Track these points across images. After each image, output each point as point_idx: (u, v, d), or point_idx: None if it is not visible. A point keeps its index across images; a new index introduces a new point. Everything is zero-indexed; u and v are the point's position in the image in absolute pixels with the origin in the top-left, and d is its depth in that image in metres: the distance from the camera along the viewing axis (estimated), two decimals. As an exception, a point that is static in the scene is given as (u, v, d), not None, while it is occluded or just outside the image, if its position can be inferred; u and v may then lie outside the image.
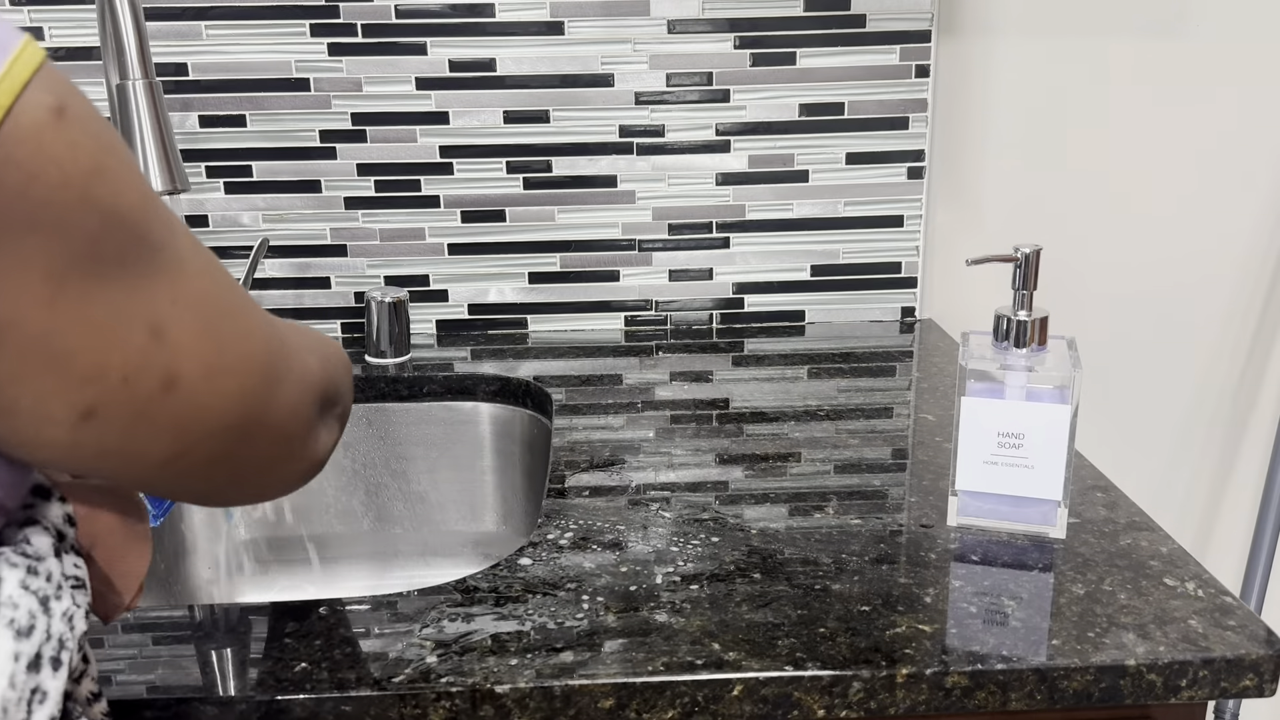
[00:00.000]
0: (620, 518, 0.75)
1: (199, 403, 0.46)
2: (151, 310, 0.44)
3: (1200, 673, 0.59)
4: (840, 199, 1.15)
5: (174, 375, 0.45)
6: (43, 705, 0.41)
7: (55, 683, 0.42)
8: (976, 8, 1.12)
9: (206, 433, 0.47)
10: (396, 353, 1.08)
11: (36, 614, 0.42)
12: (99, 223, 0.40)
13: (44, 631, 0.42)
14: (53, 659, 0.42)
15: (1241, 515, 1.31)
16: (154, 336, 0.44)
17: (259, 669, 0.59)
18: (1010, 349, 0.72)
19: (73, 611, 0.44)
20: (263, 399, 0.50)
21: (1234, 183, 1.19)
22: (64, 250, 0.39)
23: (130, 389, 0.43)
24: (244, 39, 1.07)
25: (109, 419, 0.43)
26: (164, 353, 0.44)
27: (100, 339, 0.42)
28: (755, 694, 0.58)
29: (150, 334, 0.43)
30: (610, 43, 1.09)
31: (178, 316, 0.45)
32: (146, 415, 0.44)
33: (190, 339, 0.45)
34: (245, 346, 0.49)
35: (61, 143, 0.39)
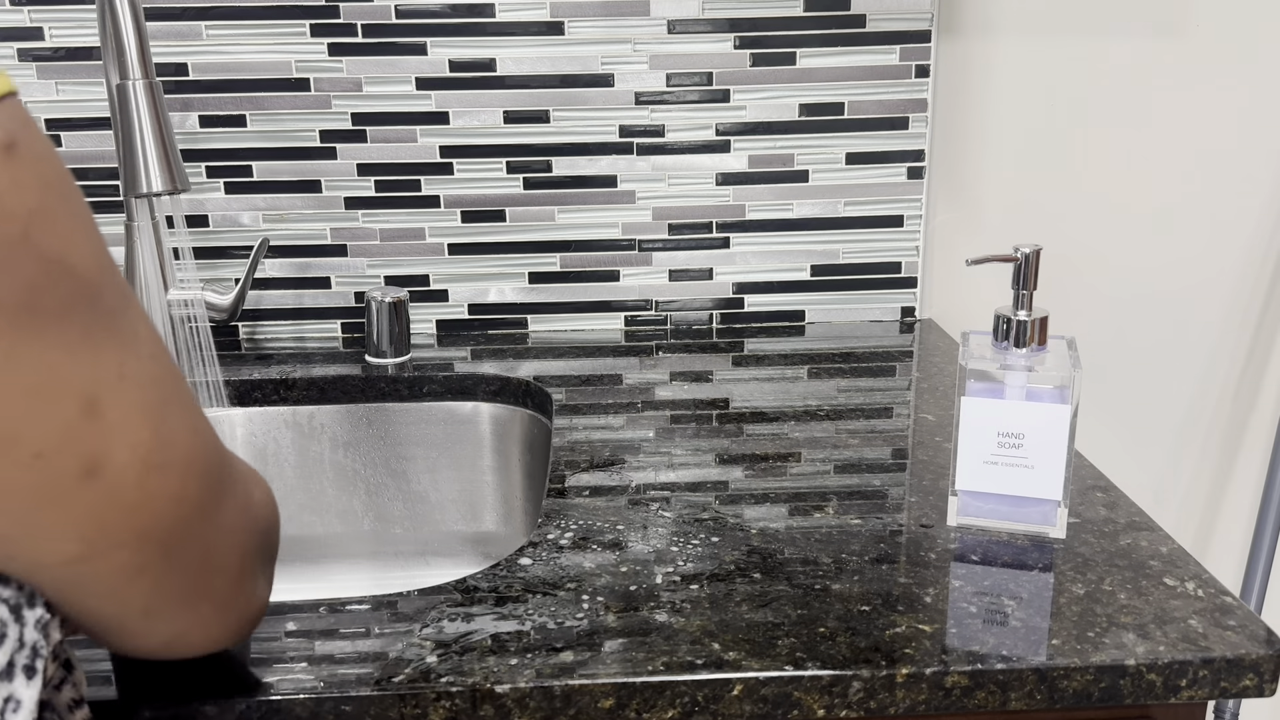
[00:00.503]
0: (620, 518, 0.75)
1: (123, 499, 0.41)
2: (91, 381, 0.39)
3: (1200, 673, 0.59)
4: (840, 199, 1.15)
5: (99, 462, 0.39)
6: (17, 713, 0.40)
7: (29, 691, 0.40)
8: (976, 8, 1.12)
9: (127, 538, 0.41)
10: (396, 353, 1.08)
11: (8, 622, 0.40)
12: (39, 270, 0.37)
13: (16, 640, 0.40)
14: (26, 667, 0.40)
15: (1241, 515, 1.31)
16: (86, 411, 0.39)
17: (259, 669, 0.59)
18: (1010, 349, 0.72)
19: (46, 619, 0.42)
20: (200, 511, 0.44)
21: (1234, 183, 1.19)
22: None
23: (42, 468, 0.38)
24: (244, 39, 1.07)
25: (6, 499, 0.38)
26: (94, 433, 0.39)
27: (20, 404, 0.37)
28: (755, 694, 0.58)
29: (83, 408, 0.39)
30: (610, 43, 1.09)
31: (121, 395, 0.40)
32: (56, 503, 0.39)
33: (130, 423, 0.40)
34: (191, 445, 0.43)
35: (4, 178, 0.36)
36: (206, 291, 1.01)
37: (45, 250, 0.37)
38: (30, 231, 0.36)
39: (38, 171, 0.37)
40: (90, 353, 0.39)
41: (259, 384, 1.03)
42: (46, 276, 0.37)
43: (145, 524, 0.42)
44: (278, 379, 1.03)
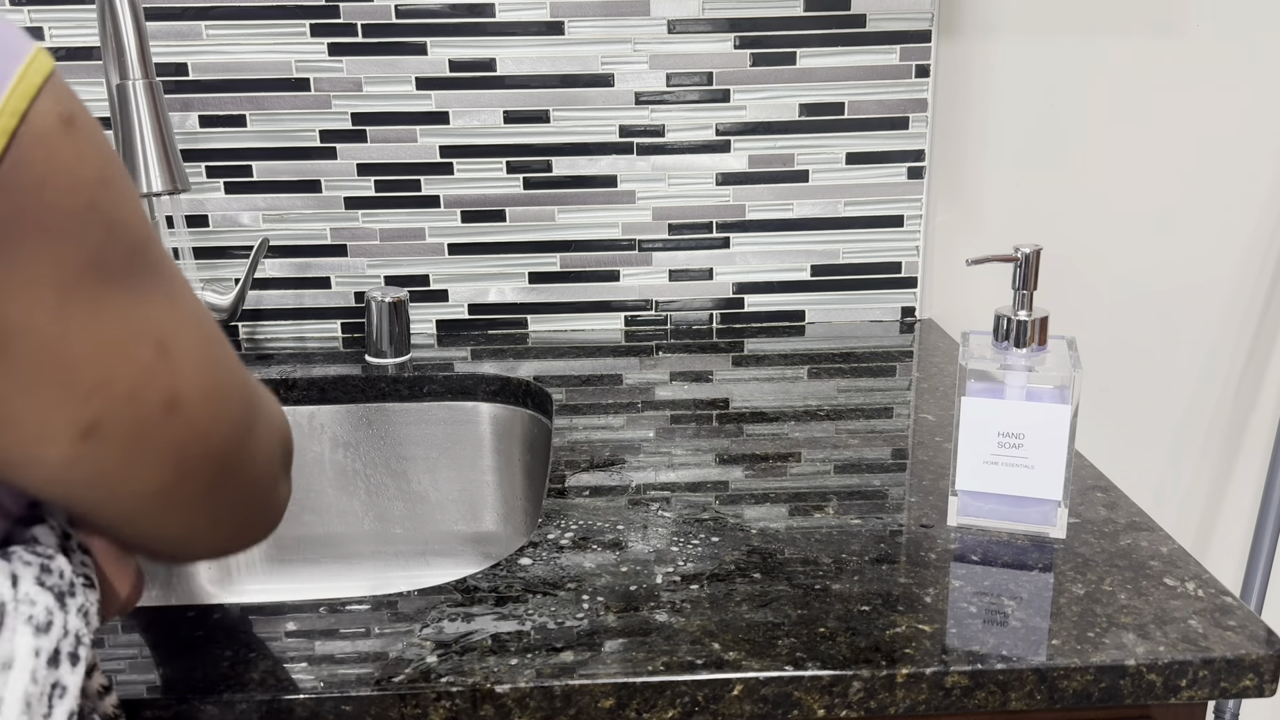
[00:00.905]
0: (620, 518, 0.75)
1: (197, 427, 0.45)
2: (158, 325, 0.43)
3: (1200, 673, 0.59)
4: (840, 199, 1.15)
5: (176, 395, 0.44)
6: (63, 700, 0.42)
7: (74, 678, 0.42)
8: (976, 8, 1.12)
9: (200, 461, 0.46)
10: (396, 353, 1.08)
11: (54, 610, 0.42)
12: (105, 231, 0.40)
13: (61, 627, 0.42)
14: (70, 654, 0.42)
15: (1241, 515, 1.31)
16: (160, 352, 0.43)
17: (259, 669, 0.59)
18: (1010, 349, 0.72)
19: (87, 607, 0.44)
20: (249, 431, 0.49)
21: (1234, 183, 1.19)
22: (74, 256, 0.39)
23: (135, 406, 0.42)
24: (244, 39, 1.07)
25: (110, 438, 0.42)
26: (169, 370, 0.43)
27: (109, 350, 0.41)
28: (755, 694, 0.58)
29: (157, 349, 0.43)
30: (610, 43, 1.09)
31: (182, 335, 0.44)
32: (147, 436, 0.43)
33: (192, 359, 0.45)
34: (236, 375, 0.48)
35: (70, 150, 0.39)
36: (206, 291, 1.01)
37: (107, 213, 0.40)
38: (95, 197, 0.40)
39: (94, 141, 0.41)
40: (151, 300, 0.43)
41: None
42: (111, 236, 0.41)
43: (216, 447, 0.46)
44: (278, 379, 1.03)
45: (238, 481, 0.49)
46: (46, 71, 0.39)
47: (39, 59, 0.39)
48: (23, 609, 0.41)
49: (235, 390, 0.48)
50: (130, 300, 0.42)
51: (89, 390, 0.41)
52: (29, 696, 0.40)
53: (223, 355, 0.47)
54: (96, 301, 0.40)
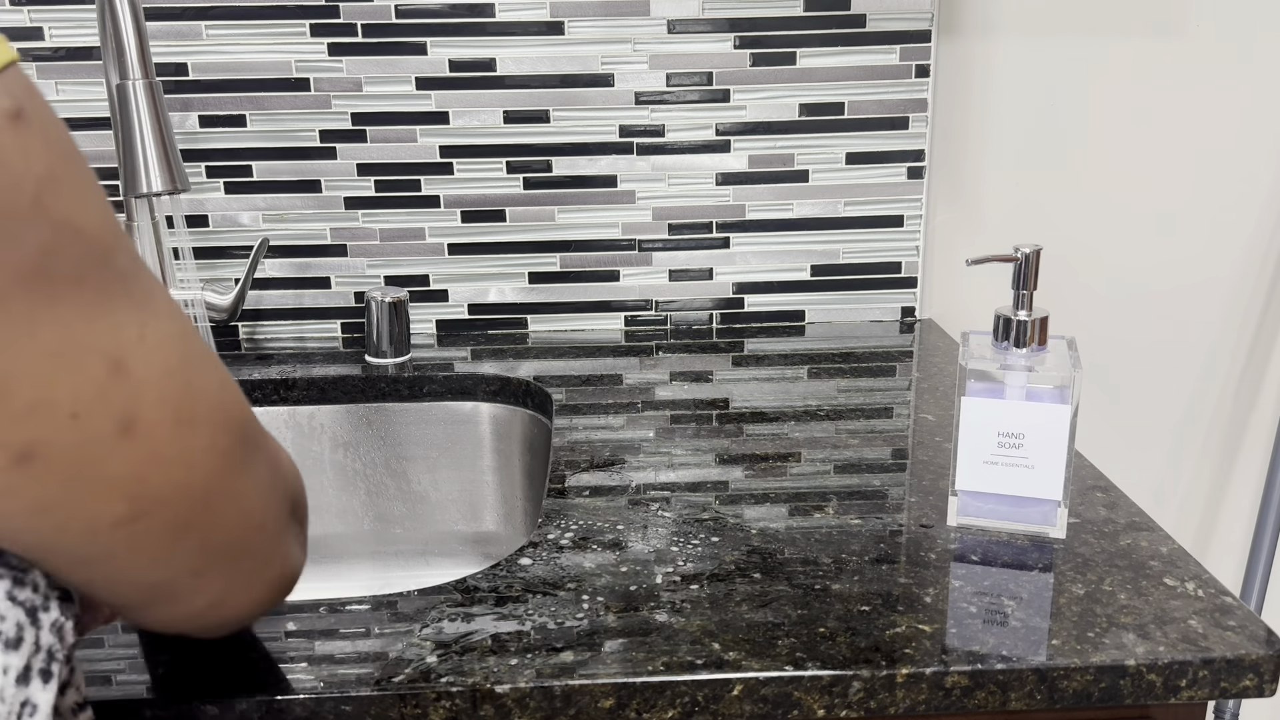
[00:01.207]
0: (620, 518, 0.75)
1: (160, 454, 0.41)
2: (113, 341, 0.40)
3: (1200, 673, 0.59)
4: (840, 199, 1.15)
5: (131, 419, 0.40)
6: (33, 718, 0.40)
7: (45, 695, 0.40)
8: (976, 8, 1.12)
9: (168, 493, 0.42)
10: (396, 353, 1.08)
11: (25, 626, 0.40)
12: (51, 234, 0.37)
13: (32, 643, 0.40)
14: (42, 671, 0.41)
15: (1241, 515, 1.31)
16: (114, 370, 0.39)
17: (259, 669, 0.59)
18: (1010, 349, 0.72)
19: (61, 623, 0.42)
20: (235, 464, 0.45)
21: (1234, 183, 1.19)
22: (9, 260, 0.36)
23: (79, 428, 0.39)
24: (244, 39, 1.07)
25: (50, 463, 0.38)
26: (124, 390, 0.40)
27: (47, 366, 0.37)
28: (755, 694, 0.59)
29: (111, 367, 0.39)
30: (610, 43, 1.09)
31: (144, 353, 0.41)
32: (96, 462, 0.39)
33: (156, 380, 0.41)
34: (220, 398, 0.44)
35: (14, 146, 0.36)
36: (206, 291, 1.01)
37: (55, 215, 0.37)
38: (41, 197, 0.37)
39: (45, 138, 0.38)
40: (108, 314, 0.39)
41: (259, 384, 1.03)
42: (58, 241, 0.37)
43: (183, 478, 0.42)
44: (278, 379, 1.03)
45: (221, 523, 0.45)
46: None
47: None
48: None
49: (218, 419, 0.44)
50: (78, 312, 0.38)
51: (22, 411, 0.37)
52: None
53: (205, 379, 0.44)
54: (34, 312, 0.37)
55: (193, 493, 0.43)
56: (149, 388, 0.41)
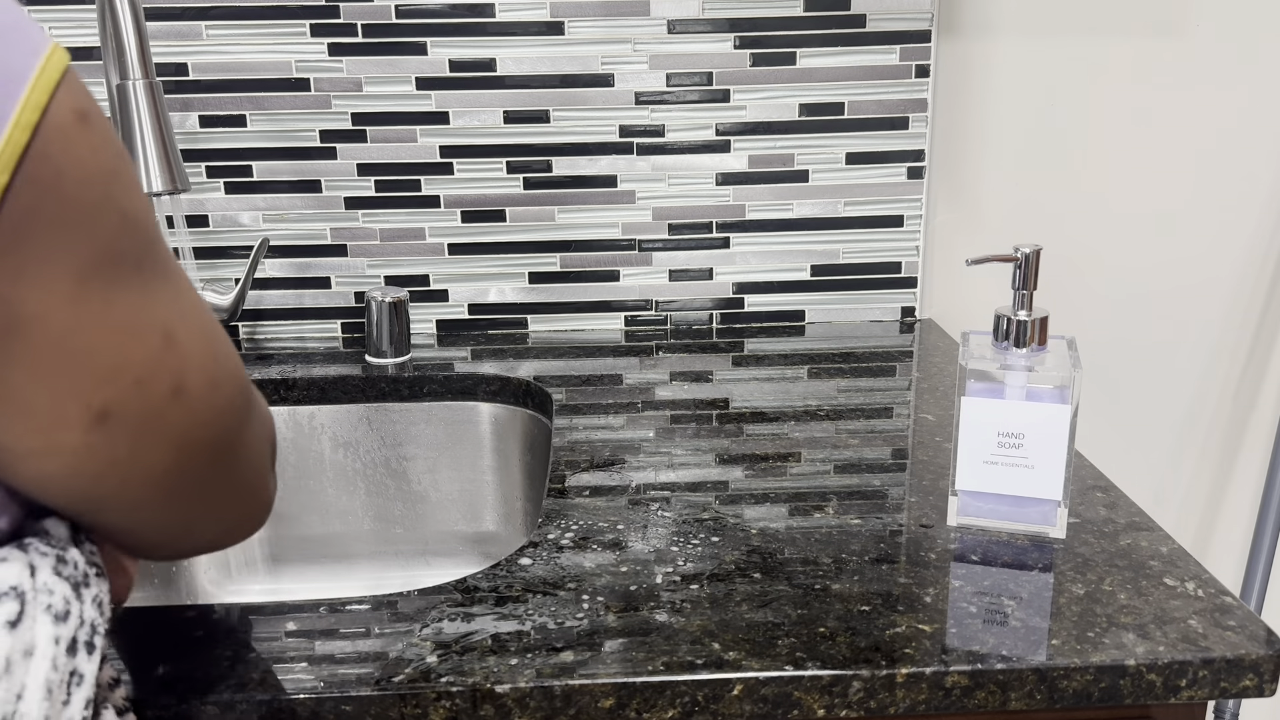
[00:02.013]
0: (620, 517, 0.75)
1: (200, 414, 0.46)
2: (164, 315, 0.44)
3: (1200, 673, 0.59)
4: (840, 199, 1.15)
5: (181, 382, 0.45)
6: (80, 688, 0.42)
7: (90, 666, 0.43)
8: (976, 8, 1.12)
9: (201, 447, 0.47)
10: (396, 353, 1.08)
11: (71, 600, 0.43)
12: (118, 223, 0.42)
13: (78, 617, 0.43)
14: (87, 643, 0.43)
15: (1241, 515, 1.31)
16: (167, 341, 0.44)
17: (258, 669, 0.59)
18: (1010, 349, 0.72)
19: (101, 597, 0.45)
20: (245, 422, 0.51)
21: (1234, 183, 1.19)
22: (89, 247, 0.40)
23: (143, 392, 0.43)
24: (244, 39, 1.07)
25: (121, 423, 0.43)
26: (174, 358, 0.45)
27: (119, 339, 0.42)
28: (755, 694, 0.58)
29: (164, 339, 0.44)
30: (610, 43, 1.09)
31: (185, 325, 0.46)
32: (155, 421, 0.44)
33: (195, 348, 0.46)
34: (232, 364, 0.49)
35: (86, 144, 0.40)
36: (206, 291, 1.01)
37: (121, 206, 0.42)
38: (109, 191, 0.41)
39: (107, 136, 0.42)
40: (159, 291, 0.44)
41: (259, 384, 1.03)
42: (123, 229, 0.42)
43: (215, 434, 0.48)
44: (278, 379, 1.03)
45: (233, 470, 0.50)
46: (63, 66, 0.40)
47: (56, 55, 0.40)
48: (42, 598, 0.42)
49: (234, 381, 0.49)
50: (140, 291, 0.43)
51: (101, 378, 0.42)
52: (50, 683, 0.41)
53: (222, 347, 0.49)
54: (109, 291, 0.41)
55: (220, 443, 0.48)
56: (193, 355, 0.46)
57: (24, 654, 0.40)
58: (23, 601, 0.41)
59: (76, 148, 0.40)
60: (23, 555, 0.42)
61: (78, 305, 0.40)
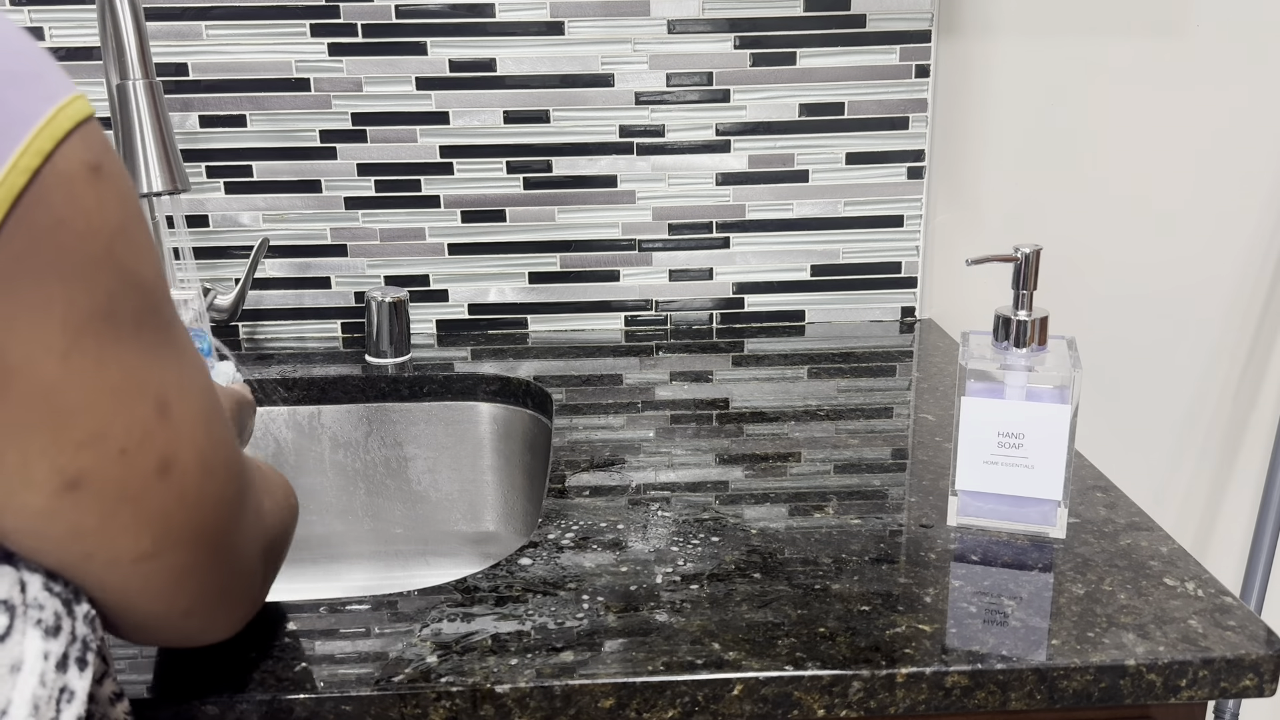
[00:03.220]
0: (620, 517, 0.75)
1: (187, 497, 0.44)
2: (162, 385, 0.42)
3: (1200, 673, 0.59)
4: (840, 199, 1.15)
5: (170, 459, 0.43)
6: (70, 704, 0.42)
7: (81, 682, 0.42)
8: (976, 8, 1.12)
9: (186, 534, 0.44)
10: (396, 353, 1.08)
11: (62, 615, 0.42)
12: (119, 281, 0.40)
13: (69, 633, 0.42)
14: (78, 659, 0.42)
15: (1241, 515, 1.31)
16: (161, 413, 0.42)
17: (259, 669, 0.59)
18: (1010, 349, 0.72)
19: (93, 615, 0.44)
20: (234, 514, 0.48)
21: (1234, 183, 1.19)
22: (84, 301, 0.39)
23: (126, 464, 0.41)
24: (244, 39, 1.07)
25: (95, 493, 0.41)
26: (167, 432, 0.42)
27: (107, 402, 0.40)
28: (755, 694, 0.59)
29: (158, 409, 0.42)
30: (610, 43, 1.09)
31: (183, 399, 0.43)
32: (135, 498, 0.42)
33: (191, 425, 0.44)
34: (230, 451, 0.47)
35: (92, 197, 0.39)
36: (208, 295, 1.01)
37: (123, 265, 0.40)
38: (113, 247, 0.40)
39: (120, 193, 0.41)
40: (159, 359, 0.42)
41: (259, 384, 1.03)
42: (124, 288, 0.40)
43: (202, 523, 0.45)
44: (278, 379, 1.03)
45: (218, 567, 0.48)
46: (79, 118, 0.39)
47: (74, 105, 0.39)
48: (31, 613, 0.41)
49: (229, 469, 0.47)
50: (137, 355, 0.41)
51: (80, 441, 0.40)
52: (37, 700, 0.40)
53: (221, 432, 0.46)
54: (102, 351, 0.40)
55: (205, 537, 0.46)
56: (185, 432, 0.43)
57: (10, 669, 0.39)
58: (11, 615, 0.40)
59: (82, 199, 0.39)
60: (12, 570, 0.41)
61: (66, 361, 0.39)
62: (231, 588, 0.50)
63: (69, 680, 0.42)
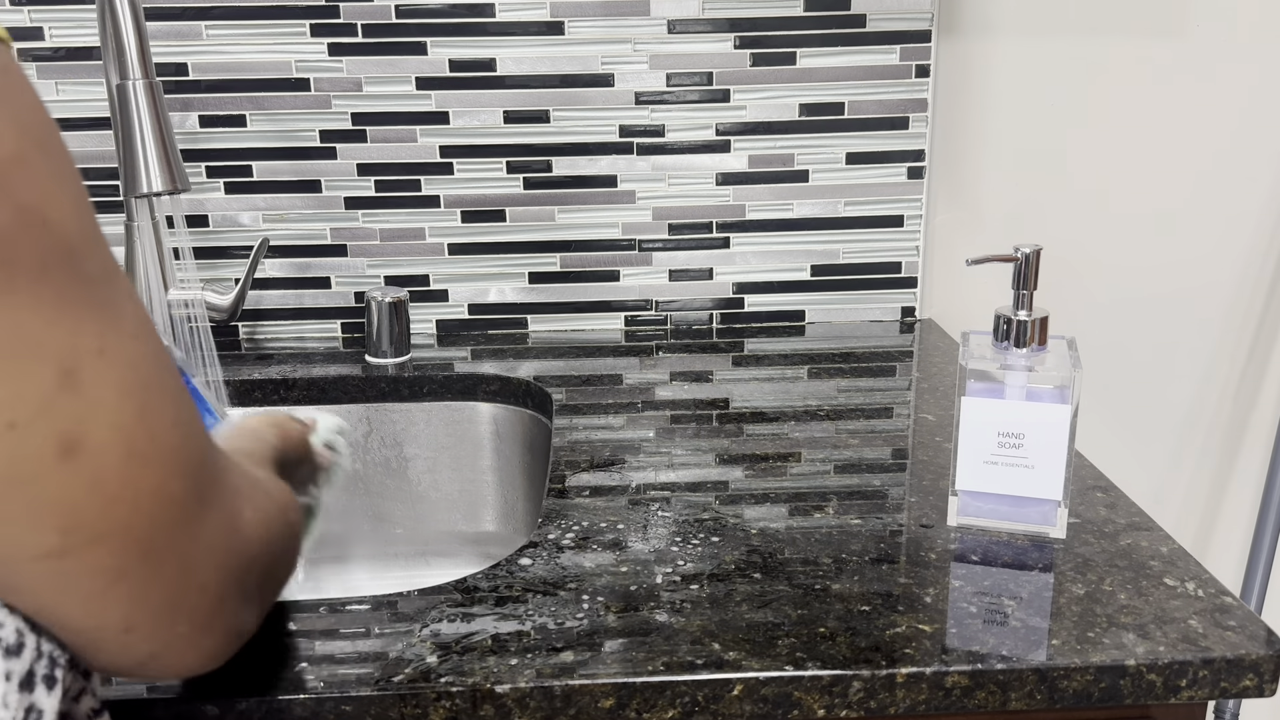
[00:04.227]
0: (620, 518, 0.75)
1: (103, 486, 0.37)
2: (68, 350, 0.35)
3: (1200, 673, 0.59)
4: (840, 199, 1.15)
5: (77, 440, 0.36)
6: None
7: (50, 701, 0.39)
8: (976, 8, 1.12)
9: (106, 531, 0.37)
10: (396, 353, 1.08)
11: (25, 632, 0.39)
12: (12, 218, 0.34)
13: (34, 649, 0.39)
14: (45, 676, 0.39)
15: (1241, 515, 1.31)
16: (65, 382, 0.35)
17: (260, 669, 0.59)
18: (1010, 349, 0.72)
19: None
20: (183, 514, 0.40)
21: (1234, 183, 1.19)
22: None
23: (15, 440, 0.34)
24: (244, 39, 1.07)
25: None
26: (72, 407, 0.35)
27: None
28: (755, 694, 0.58)
29: (59, 378, 0.35)
30: (610, 43, 1.09)
31: (102, 370, 0.36)
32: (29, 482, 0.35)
33: (111, 402, 0.37)
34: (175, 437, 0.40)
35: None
36: (206, 291, 1.01)
37: (20, 199, 0.34)
38: (5, 178, 0.34)
39: (18, 119, 0.35)
40: (68, 318, 0.35)
41: (259, 384, 1.03)
42: (21, 227, 0.34)
43: (125, 518, 0.38)
44: (278, 379, 1.03)
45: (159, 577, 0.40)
46: None
47: None
48: None
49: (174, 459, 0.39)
50: (33, 310, 0.34)
51: None
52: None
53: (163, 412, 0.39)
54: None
55: (132, 537, 0.38)
56: (102, 409, 0.36)
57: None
58: None
59: None
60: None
61: None
62: (186, 605, 0.42)
63: (36, 699, 0.38)
